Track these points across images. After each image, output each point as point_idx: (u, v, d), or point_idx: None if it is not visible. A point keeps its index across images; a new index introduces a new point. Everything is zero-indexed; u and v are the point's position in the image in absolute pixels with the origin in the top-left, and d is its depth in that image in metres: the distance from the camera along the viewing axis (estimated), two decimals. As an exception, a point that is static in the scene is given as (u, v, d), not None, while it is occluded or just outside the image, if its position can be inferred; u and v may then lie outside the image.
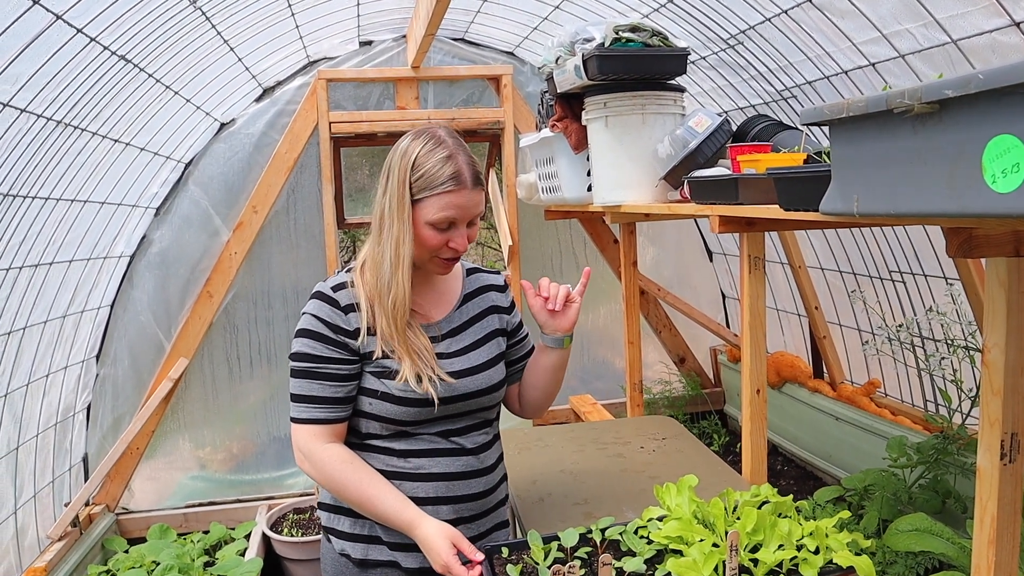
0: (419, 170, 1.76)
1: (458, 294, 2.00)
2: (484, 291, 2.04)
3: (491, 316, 2.01)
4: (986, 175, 1.04)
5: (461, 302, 1.98)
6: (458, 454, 1.88)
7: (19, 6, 2.20)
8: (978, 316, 2.96)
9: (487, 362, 1.93)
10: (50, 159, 2.96)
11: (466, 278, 2.04)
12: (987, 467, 1.55)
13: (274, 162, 4.39)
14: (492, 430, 2.00)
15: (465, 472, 1.88)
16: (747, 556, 1.62)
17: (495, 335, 2.00)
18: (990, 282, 1.49)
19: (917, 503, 2.89)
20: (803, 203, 1.77)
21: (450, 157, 1.77)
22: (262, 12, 3.53)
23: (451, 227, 1.80)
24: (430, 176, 1.76)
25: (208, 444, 4.55)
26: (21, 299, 3.21)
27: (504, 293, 2.09)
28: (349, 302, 1.82)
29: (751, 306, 2.35)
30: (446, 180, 1.75)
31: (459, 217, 1.79)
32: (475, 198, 1.81)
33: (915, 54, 2.60)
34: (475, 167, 1.81)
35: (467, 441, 1.90)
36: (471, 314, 1.98)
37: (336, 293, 1.83)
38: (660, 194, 2.97)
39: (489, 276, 2.10)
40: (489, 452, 1.96)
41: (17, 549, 3.41)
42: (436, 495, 1.85)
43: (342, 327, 1.80)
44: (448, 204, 1.76)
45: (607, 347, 5.19)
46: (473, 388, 1.88)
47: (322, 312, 1.81)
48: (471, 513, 1.91)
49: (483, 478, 1.92)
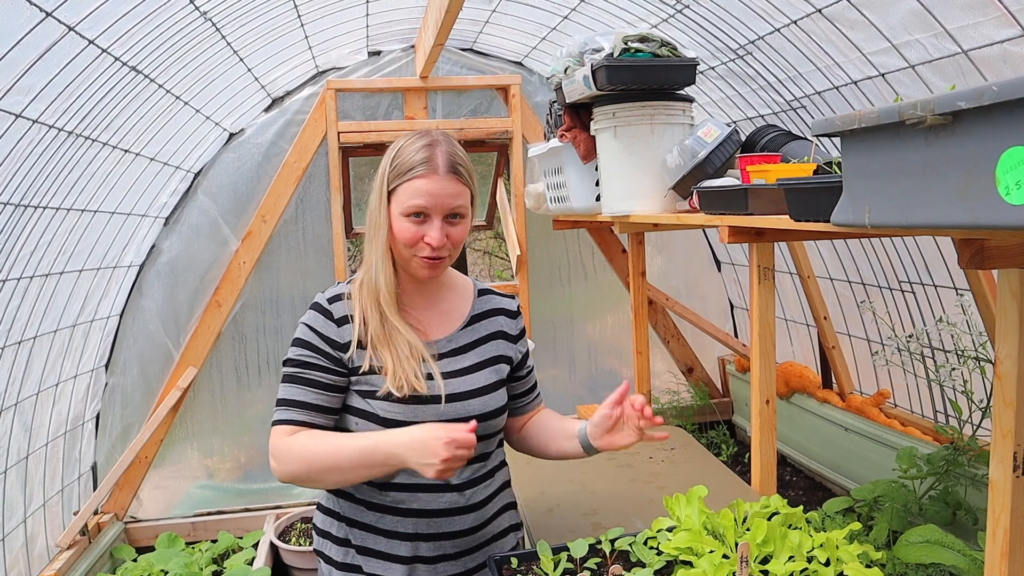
0: (396, 160, 1.74)
1: (465, 314, 1.93)
2: (493, 314, 1.96)
3: (497, 341, 1.93)
4: (999, 187, 1.04)
5: (467, 323, 1.91)
6: (441, 490, 1.80)
7: (32, 18, 2.21)
8: (988, 327, 2.95)
9: (485, 387, 1.85)
10: (61, 169, 2.98)
11: (476, 298, 1.97)
12: (1000, 479, 1.54)
13: (283, 172, 4.41)
14: (489, 463, 1.91)
15: (449, 509, 1.81)
16: (757, 568, 1.61)
17: (498, 361, 1.92)
18: (1002, 293, 1.48)
19: (927, 515, 2.87)
20: (814, 214, 1.77)
21: (428, 146, 1.73)
22: (272, 23, 3.55)
23: (424, 219, 1.73)
24: (403, 163, 1.72)
25: (216, 453, 4.55)
26: (32, 309, 3.22)
27: (515, 320, 2.00)
28: (343, 314, 1.80)
29: (760, 316, 2.35)
30: (416, 165, 1.71)
31: (430, 206, 1.72)
32: (448, 187, 1.72)
33: (925, 64, 2.60)
34: (454, 159, 1.74)
35: (454, 477, 1.81)
36: (475, 336, 1.91)
37: (331, 305, 1.81)
38: (669, 204, 2.97)
39: (501, 300, 2.01)
40: (480, 488, 1.86)
41: (27, 558, 3.41)
42: (416, 531, 1.80)
43: (333, 339, 1.78)
44: (417, 191, 1.71)
45: (615, 357, 5.19)
46: (465, 413, 1.80)
47: (316, 323, 1.80)
48: (456, 550, 1.84)
49: (471, 514, 1.84)
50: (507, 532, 1.98)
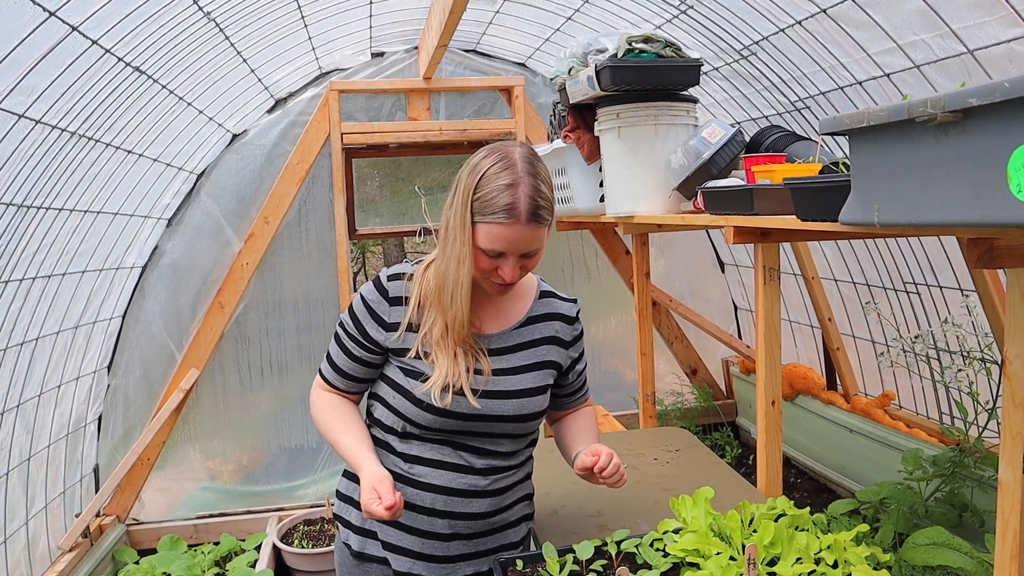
0: (481, 190, 1.67)
1: (523, 313, 1.91)
2: (550, 319, 1.94)
3: (549, 346, 1.92)
4: (1011, 184, 1.03)
5: (523, 323, 1.90)
6: (463, 471, 1.82)
7: (35, 18, 2.21)
8: (994, 328, 2.93)
9: (527, 390, 1.85)
10: (64, 170, 2.97)
11: (537, 300, 1.95)
12: (1009, 480, 1.53)
13: (286, 173, 4.40)
14: (517, 458, 1.91)
15: (467, 490, 1.82)
16: (765, 570, 1.60)
17: (546, 366, 1.91)
18: (1011, 293, 1.47)
19: (933, 517, 2.86)
20: (821, 214, 1.75)
21: (511, 185, 1.66)
22: (275, 24, 3.55)
23: (499, 256, 1.72)
24: (487, 201, 1.66)
25: (218, 455, 4.54)
26: (34, 310, 3.22)
27: (571, 325, 1.98)
28: (398, 295, 1.82)
29: (766, 317, 2.33)
30: (499, 211, 1.65)
31: (508, 250, 1.70)
32: (528, 235, 1.69)
33: (930, 64, 2.59)
34: (538, 200, 1.68)
35: (478, 461, 1.83)
36: (528, 337, 1.90)
37: (390, 283, 1.84)
38: (673, 205, 2.96)
39: (561, 304, 1.99)
40: (502, 476, 1.87)
41: (28, 560, 3.40)
42: (432, 507, 1.81)
43: (381, 317, 1.82)
44: (497, 236, 1.67)
45: (619, 359, 5.18)
46: (499, 412, 1.80)
47: (370, 296, 1.84)
48: (469, 531, 1.85)
49: (488, 500, 1.85)
50: (520, 521, 1.99)
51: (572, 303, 2.02)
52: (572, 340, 1.98)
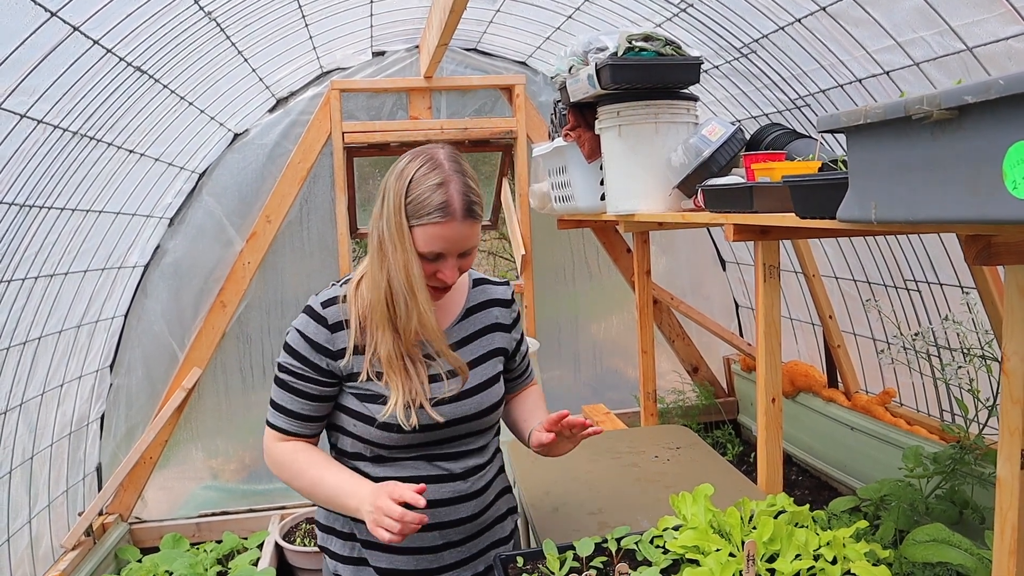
0: (412, 193, 1.65)
1: (460, 307, 1.90)
2: (488, 306, 1.94)
3: (493, 334, 1.92)
4: (1007, 181, 1.03)
5: (463, 316, 1.89)
6: (445, 480, 1.81)
7: (36, 18, 2.21)
8: (995, 325, 2.94)
9: (483, 383, 1.85)
10: (66, 170, 2.98)
11: (471, 289, 1.94)
12: (1007, 477, 1.53)
13: (287, 172, 4.41)
14: (487, 452, 1.91)
15: (452, 498, 1.81)
16: (764, 566, 1.61)
17: (495, 354, 1.91)
18: (1009, 290, 1.48)
19: (934, 514, 2.86)
20: (820, 211, 1.76)
21: (442, 184, 1.64)
22: (276, 23, 3.55)
23: (439, 258, 1.70)
24: (420, 203, 1.64)
25: (221, 454, 4.55)
26: (36, 310, 3.23)
27: (509, 308, 1.98)
28: (338, 319, 1.77)
29: (766, 315, 2.34)
30: (434, 210, 1.63)
31: (447, 250, 1.68)
32: (465, 231, 1.67)
33: (930, 62, 2.59)
34: (469, 196, 1.67)
35: (456, 466, 1.82)
36: (472, 330, 1.89)
37: (325, 310, 1.78)
38: (673, 203, 2.96)
39: (496, 289, 1.98)
40: (481, 475, 1.87)
41: (31, 558, 3.42)
42: None
43: (325, 347, 1.75)
44: (435, 236, 1.65)
45: (620, 357, 5.18)
46: (463, 413, 1.80)
47: (308, 329, 1.77)
48: (460, 537, 1.85)
49: (473, 501, 1.85)
50: (506, 516, 1.99)
51: (505, 286, 2.02)
52: (513, 323, 1.98)
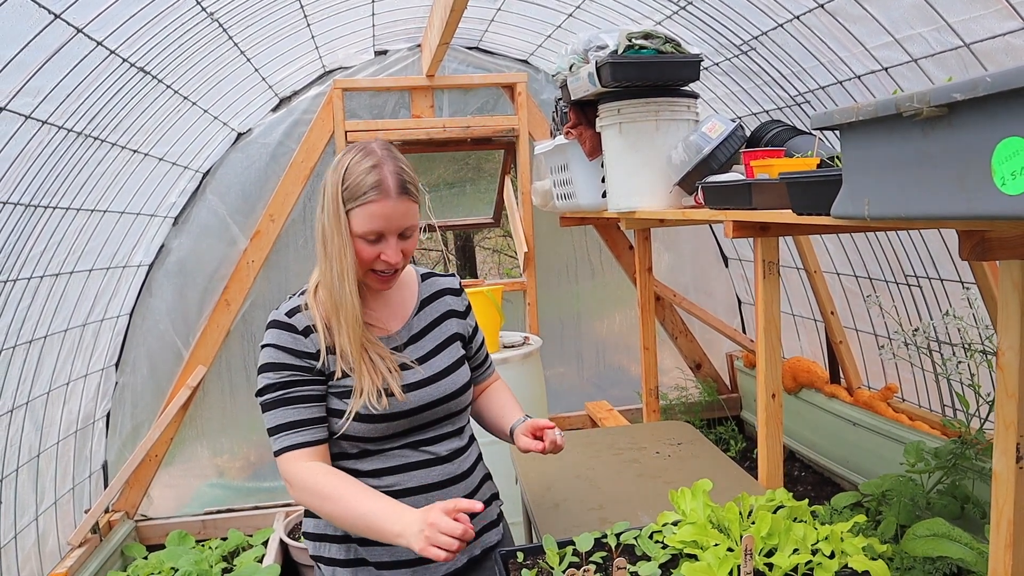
0: (347, 180, 1.73)
1: (414, 301, 1.98)
2: (440, 295, 2.03)
3: (449, 320, 2.00)
4: (996, 177, 1.04)
5: (418, 308, 1.97)
6: (433, 464, 1.87)
7: (41, 20, 2.23)
8: (995, 320, 2.94)
9: (450, 366, 1.92)
10: (71, 170, 3.00)
11: (421, 283, 2.03)
12: (1003, 471, 1.54)
13: (291, 171, 4.43)
14: (464, 434, 1.99)
15: (443, 481, 1.87)
16: (762, 560, 1.62)
17: (455, 339, 1.99)
18: (1003, 284, 1.49)
19: (935, 508, 2.87)
20: (815, 207, 1.77)
21: (375, 167, 1.73)
22: (278, 23, 3.57)
23: (380, 239, 1.76)
24: (355, 187, 1.72)
25: (226, 451, 4.58)
26: (42, 308, 3.25)
27: (459, 297, 2.07)
28: (306, 324, 1.81)
29: (766, 311, 2.35)
30: (368, 189, 1.71)
31: (385, 228, 1.75)
32: (401, 208, 1.75)
33: (928, 58, 2.60)
34: (403, 176, 1.76)
35: (440, 448, 1.89)
36: (429, 319, 1.97)
37: (292, 318, 1.82)
38: (674, 200, 2.98)
39: (444, 280, 2.08)
40: (465, 456, 1.95)
41: (38, 555, 3.44)
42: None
43: (304, 351, 1.79)
44: (372, 214, 1.72)
45: (623, 353, 5.19)
46: (438, 395, 1.87)
47: (282, 340, 1.80)
48: None
49: (462, 483, 1.91)
50: (491, 500, 2.04)
51: (452, 276, 2.12)
52: (465, 310, 2.07)
